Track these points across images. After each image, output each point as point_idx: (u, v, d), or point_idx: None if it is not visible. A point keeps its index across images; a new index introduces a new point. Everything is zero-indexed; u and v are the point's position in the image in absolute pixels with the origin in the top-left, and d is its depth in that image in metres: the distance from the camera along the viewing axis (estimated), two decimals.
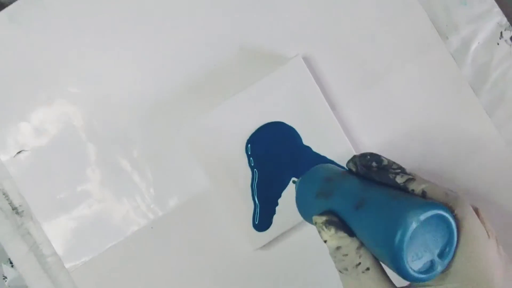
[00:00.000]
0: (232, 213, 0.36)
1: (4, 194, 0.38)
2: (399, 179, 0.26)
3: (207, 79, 0.38)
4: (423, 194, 0.25)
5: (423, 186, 0.25)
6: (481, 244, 0.24)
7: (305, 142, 0.36)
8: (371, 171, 0.27)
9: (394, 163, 0.27)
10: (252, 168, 0.36)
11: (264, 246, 0.36)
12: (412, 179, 0.25)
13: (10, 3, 0.38)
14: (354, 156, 0.28)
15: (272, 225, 0.36)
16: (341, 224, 0.26)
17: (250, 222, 0.36)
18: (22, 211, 0.38)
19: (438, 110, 0.37)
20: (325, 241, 0.26)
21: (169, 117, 0.38)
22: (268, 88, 0.36)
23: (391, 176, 0.26)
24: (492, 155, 0.37)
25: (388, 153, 0.37)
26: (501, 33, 0.37)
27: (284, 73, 0.36)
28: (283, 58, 0.37)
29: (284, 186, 0.36)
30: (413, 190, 0.25)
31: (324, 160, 0.36)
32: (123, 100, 0.38)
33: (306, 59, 0.37)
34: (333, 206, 0.27)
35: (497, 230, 0.36)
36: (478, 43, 0.38)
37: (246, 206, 0.36)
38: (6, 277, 0.40)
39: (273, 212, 0.36)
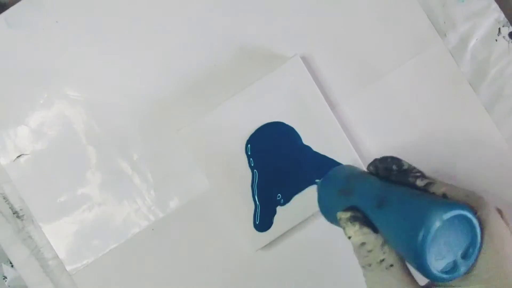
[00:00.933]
0: (233, 214, 0.36)
1: (4, 198, 0.38)
2: (419, 182, 0.26)
3: (206, 80, 0.38)
4: (444, 196, 0.25)
5: (443, 188, 0.25)
6: (505, 245, 0.23)
7: (305, 141, 0.36)
8: (391, 174, 0.27)
9: (414, 167, 0.27)
10: (252, 168, 0.36)
11: (265, 246, 0.36)
12: (432, 182, 0.25)
13: (12, 4, 0.38)
14: (375, 159, 0.28)
15: (273, 225, 0.36)
16: (366, 220, 0.26)
17: (251, 222, 0.36)
18: (23, 215, 0.38)
19: (437, 107, 0.37)
20: (349, 237, 0.26)
21: (169, 118, 0.38)
22: (267, 88, 0.36)
23: (411, 179, 0.26)
24: (492, 151, 0.37)
25: (387, 151, 0.37)
26: (499, 29, 0.37)
27: (282, 73, 0.36)
28: (281, 58, 0.37)
29: (284, 186, 0.36)
30: (433, 192, 0.25)
31: (324, 159, 0.36)
32: (122, 102, 0.38)
33: (304, 59, 0.37)
34: (356, 204, 0.27)
35: None
36: (476, 39, 0.38)
37: (246, 206, 0.36)
38: (6, 277, 0.40)
39: (274, 212, 0.36)
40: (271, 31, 0.38)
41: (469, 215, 0.23)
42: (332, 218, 0.29)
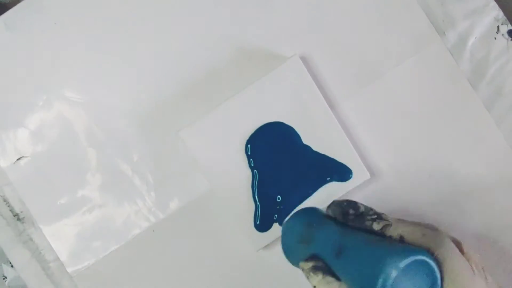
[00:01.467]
0: (233, 215, 0.36)
1: (5, 200, 0.38)
2: (376, 226, 0.26)
3: (205, 80, 0.38)
4: (401, 239, 0.25)
5: (399, 231, 0.25)
6: (466, 283, 0.23)
7: (305, 141, 0.36)
8: (349, 218, 0.27)
9: (371, 209, 0.27)
10: (252, 168, 0.36)
11: (266, 246, 0.36)
12: (388, 225, 0.25)
13: (12, 4, 0.38)
14: (332, 203, 0.28)
15: (273, 225, 0.36)
16: (328, 268, 0.26)
17: (251, 222, 0.36)
18: (23, 217, 0.38)
19: (436, 106, 0.37)
20: (314, 287, 0.26)
21: (169, 119, 0.38)
22: (266, 88, 0.36)
23: (368, 223, 0.26)
24: (491, 150, 0.37)
25: (387, 150, 0.37)
26: (498, 27, 0.37)
27: (282, 73, 0.36)
28: (281, 58, 0.37)
29: (284, 185, 0.36)
30: (390, 236, 0.25)
31: (324, 159, 0.36)
32: (122, 104, 0.38)
33: (303, 59, 0.37)
34: (316, 252, 0.27)
35: (496, 226, 0.36)
36: (475, 38, 0.37)
37: (246, 207, 0.36)
38: (6, 277, 0.40)
39: (275, 212, 0.36)
40: (270, 31, 0.38)
41: (426, 259, 0.22)
42: (295, 264, 0.29)
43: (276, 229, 0.36)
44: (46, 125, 0.38)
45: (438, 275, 0.23)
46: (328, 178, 0.36)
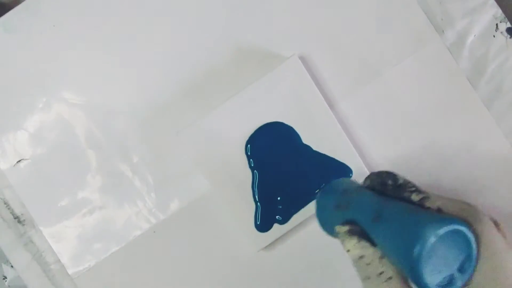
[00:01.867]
0: (234, 215, 0.36)
1: (5, 203, 0.38)
2: (414, 197, 0.26)
3: (205, 81, 0.38)
4: (439, 211, 0.25)
5: (438, 203, 0.25)
6: (501, 258, 0.23)
7: (304, 141, 0.36)
8: (387, 188, 0.27)
9: (409, 182, 0.27)
10: (252, 169, 0.36)
11: (266, 247, 0.36)
12: (427, 197, 0.25)
13: (12, 4, 0.38)
14: (371, 173, 0.28)
15: (274, 225, 0.36)
16: (363, 233, 0.26)
17: (251, 223, 0.36)
18: (24, 219, 0.38)
19: (435, 104, 0.37)
20: (347, 251, 0.26)
21: (168, 120, 0.38)
22: (265, 88, 0.36)
23: (406, 194, 0.26)
24: (491, 147, 0.37)
25: (387, 149, 0.37)
26: (497, 25, 0.37)
27: (281, 73, 0.36)
28: (279, 58, 0.37)
29: (284, 185, 0.36)
30: (429, 207, 0.25)
31: (324, 158, 0.36)
32: (121, 105, 0.38)
33: (302, 58, 0.37)
34: (353, 218, 0.27)
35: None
36: (474, 36, 0.38)
37: (247, 207, 0.36)
38: (6, 277, 0.40)
39: (275, 212, 0.36)
40: (269, 31, 0.38)
41: (464, 229, 0.23)
42: (330, 231, 0.29)
43: (276, 229, 0.36)
44: (45, 127, 0.38)
45: (474, 247, 0.23)
46: (328, 177, 0.36)
